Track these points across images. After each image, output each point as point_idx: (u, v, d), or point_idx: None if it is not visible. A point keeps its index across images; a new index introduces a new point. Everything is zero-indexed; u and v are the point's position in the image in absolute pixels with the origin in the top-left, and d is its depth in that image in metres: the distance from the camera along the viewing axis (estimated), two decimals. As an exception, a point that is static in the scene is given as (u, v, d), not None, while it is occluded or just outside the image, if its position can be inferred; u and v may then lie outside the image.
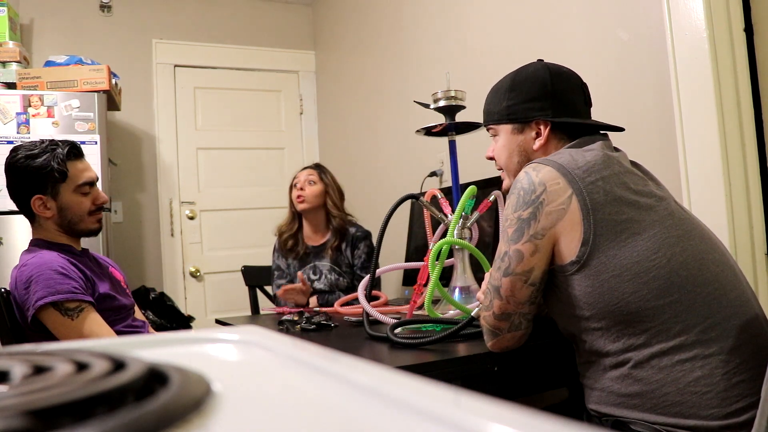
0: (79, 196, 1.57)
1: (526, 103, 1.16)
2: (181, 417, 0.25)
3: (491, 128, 1.23)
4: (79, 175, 1.57)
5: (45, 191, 1.53)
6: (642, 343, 0.96)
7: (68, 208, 1.56)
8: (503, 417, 0.24)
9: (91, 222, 1.61)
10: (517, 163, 1.19)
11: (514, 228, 1.02)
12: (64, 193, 1.55)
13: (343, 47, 3.61)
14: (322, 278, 2.27)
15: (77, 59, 2.79)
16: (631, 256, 0.96)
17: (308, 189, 2.30)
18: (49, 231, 1.58)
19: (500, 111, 1.19)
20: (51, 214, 1.55)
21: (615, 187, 0.99)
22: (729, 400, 0.91)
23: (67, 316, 1.41)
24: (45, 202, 1.54)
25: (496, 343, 1.07)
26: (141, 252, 3.44)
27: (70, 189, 1.55)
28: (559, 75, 1.18)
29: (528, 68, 1.20)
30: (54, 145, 1.54)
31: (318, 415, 0.29)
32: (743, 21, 1.52)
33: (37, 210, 1.54)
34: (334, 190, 2.36)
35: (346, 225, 2.32)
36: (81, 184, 1.57)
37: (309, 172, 2.36)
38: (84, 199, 1.58)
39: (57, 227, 1.57)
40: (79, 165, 1.58)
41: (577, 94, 1.18)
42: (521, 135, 1.17)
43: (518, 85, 1.18)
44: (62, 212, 1.56)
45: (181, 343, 0.47)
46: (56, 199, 1.54)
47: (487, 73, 2.28)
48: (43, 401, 0.24)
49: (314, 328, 1.50)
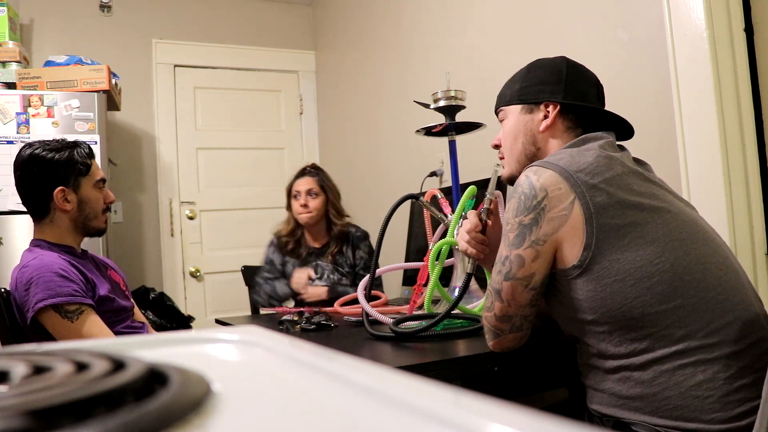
0: (97, 191, 1.60)
1: (538, 85, 1.16)
2: (181, 417, 0.25)
3: (501, 111, 1.23)
4: (98, 172, 1.62)
5: (68, 183, 1.54)
6: (644, 347, 0.95)
7: (88, 202, 1.58)
8: (503, 417, 0.24)
9: (102, 221, 1.64)
10: (522, 144, 1.18)
11: (515, 233, 1.01)
12: (86, 187, 1.58)
13: (343, 47, 3.61)
14: (325, 277, 2.26)
15: (77, 59, 2.79)
16: (634, 260, 0.95)
17: (312, 203, 2.25)
18: (58, 229, 1.57)
19: (512, 93, 1.20)
20: (71, 207, 1.56)
21: (618, 190, 0.98)
22: (731, 404, 0.91)
23: (66, 318, 1.41)
24: (66, 195, 1.55)
25: (498, 344, 1.07)
26: (141, 252, 3.44)
27: (90, 183, 1.59)
28: (576, 67, 1.18)
29: (547, 58, 1.21)
30: (74, 143, 1.59)
31: (318, 415, 0.29)
32: (743, 21, 1.52)
33: (58, 203, 1.54)
34: (335, 196, 2.32)
35: (346, 230, 2.31)
36: (98, 180, 1.61)
37: (309, 183, 2.28)
38: (100, 195, 1.62)
39: (71, 223, 1.58)
40: (94, 163, 1.63)
41: (591, 87, 1.18)
42: (529, 115, 1.17)
43: (534, 70, 1.19)
44: (82, 206, 1.57)
45: (181, 343, 0.47)
46: (77, 192, 1.56)
47: (487, 73, 2.29)
48: (43, 401, 0.24)
49: (314, 328, 1.50)
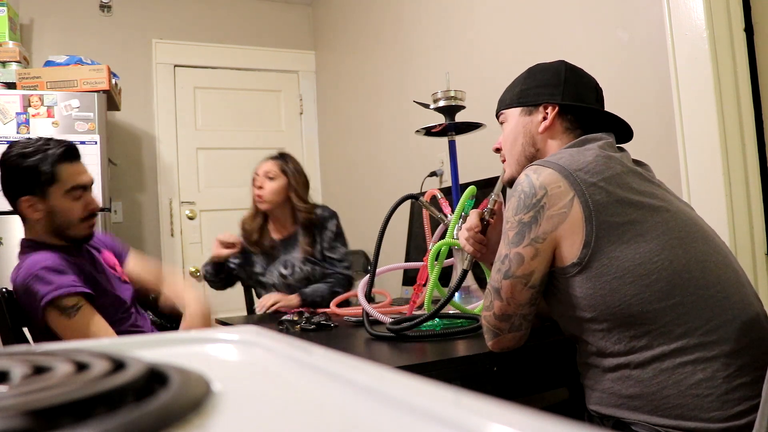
0: (69, 201, 1.50)
1: (537, 88, 1.18)
2: (180, 417, 0.25)
3: (501, 115, 1.24)
4: (70, 179, 1.50)
5: (34, 192, 1.47)
6: (643, 345, 0.96)
7: (58, 212, 1.49)
8: (503, 417, 0.24)
9: (82, 228, 1.54)
10: (521, 145, 1.18)
11: (514, 231, 1.01)
12: (54, 196, 1.48)
13: (343, 47, 3.61)
14: (296, 271, 2.13)
15: (77, 59, 2.79)
16: (633, 258, 0.95)
17: (267, 186, 2.11)
18: (38, 232, 1.53)
19: (512, 96, 1.21)
20: (39, 216, 1.49)
21: (617, 188, 0.99)
22: (730, 402, 0.91)
23: (64, 315, 1.39)
24: (33, 204, 1.48)
25: (497, 343, 1.07)
26: (141, 252, 3.44)
27: (60, 192, 1.48)
28: (575, 70, 1.19)
29: (547, 62, 1.22)
30: (47, 145, 1.48)
31: (318, 415, 0.29)
32: (743, 21, 1.52)
33: (24, 211, 1.49)
34: (299, 182, 2.15)
35: (313, 216, 2.15)
36: (72, 188, 1.50)
37: (267, 166, 2.14)
38: (75, 204, 1.51)
39: (46, 230, 1.52)
40: (71, 168, 1.51)
41: (590, 91, 1.19)
42: (528, 117, 1.18)
43: (533, 74, 1.20)
44: (51, 216, 1.49)
45: (181, 343, 0.47)
46: (45, 202, 1.48)
47: (487, 73, 2.29)
48: (43, 401, 0.24)
49: (314, 328, 1.50)
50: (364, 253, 3.23)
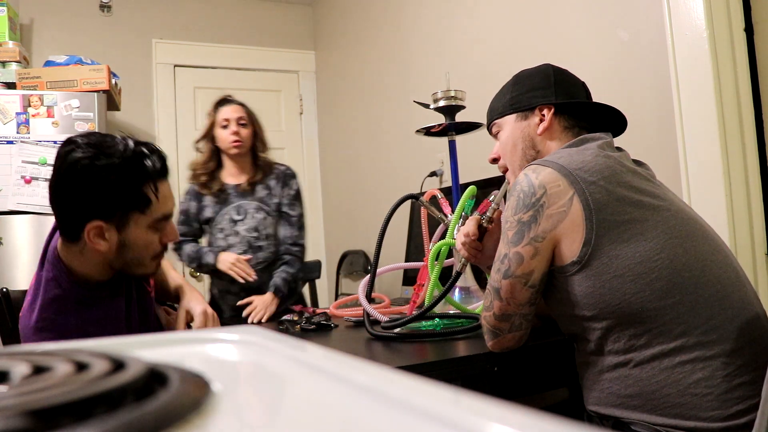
0: (151, 233, 1.14)
1: (529, 92, 1.18)
2: (180, 417, 0.25)
3: (494, 125, 1.23)
4: (164, 205, 1.15)
5: (111, 217, 1.08)
6: (643, 344, 0.96)
7: (133, 246, 1.12)
8: (503, 417, 0.24)
9: (151, 267, 1.19)
10: (521, 150, 1.18)
11: (514, 231, 1.01)
12: (136, 227, 1.11)
13: (343, 47, 3.61)
14: (248, 218, 2.09)
15: (77, 59, 2.79)
16: (633, 256, 0.95)
17: (243, 132, 2.08)
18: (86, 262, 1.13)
19: (504, 104, 1.21)
20: (106, 248, 1.10)
21: (617, 187, 0.99)
22: (730, 402, 0.91)
23: None
24: (105, 232, 1.09)
25: (497, 343, 1.07)
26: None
27: (146, 222, 1.12)
28: (562, 71, 1.20)
29: (532, 67, 1.22)
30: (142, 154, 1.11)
31: (318, 415, 0.29)
32: (743, 21, 1.52)
33: (90, 239, 1.08)
34: (260, 128, 2.16)
35: (273, 163, 2.17)
36: (160, 218, 1.14)
37: (238, 111, 2.10)
38: (155, 237, 1.15)
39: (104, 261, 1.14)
40: (165, 189, 1.16)
41: (580, 89, 1.20)
42: (525, 121, 1.18)
43: (522, 80, 1.20)
44: (123, 249, 1.12)
45: (181, 343, 0.47)
46: (122, 232, 1.10)
47: (487, 73, 2.29)
48: (43, 401, 0.24)
49: (314, 328, 1.50)
50: (364, 253, 3.23)
